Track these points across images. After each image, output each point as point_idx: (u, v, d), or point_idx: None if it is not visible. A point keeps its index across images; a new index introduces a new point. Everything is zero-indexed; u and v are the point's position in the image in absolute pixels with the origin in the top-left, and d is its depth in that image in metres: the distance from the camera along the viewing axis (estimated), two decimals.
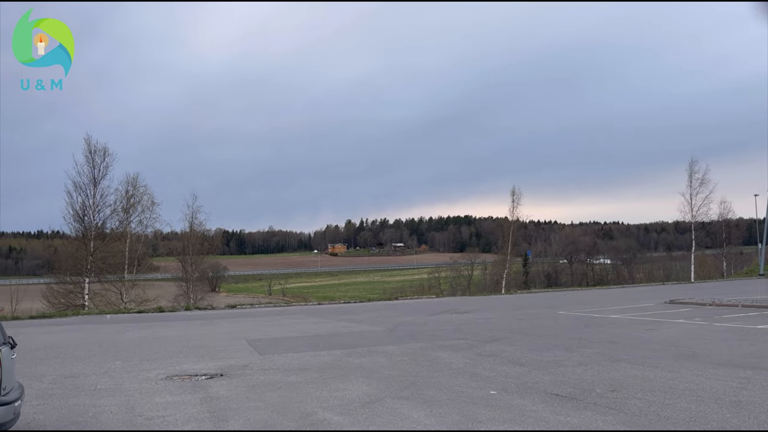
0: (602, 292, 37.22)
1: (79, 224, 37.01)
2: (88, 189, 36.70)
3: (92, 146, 36.88)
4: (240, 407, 7.92)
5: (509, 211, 54.93)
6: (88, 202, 36.75)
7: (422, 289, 73.11)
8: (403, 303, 31.51)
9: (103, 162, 36.98)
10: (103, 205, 37.38)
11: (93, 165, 36.70)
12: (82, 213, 36.72)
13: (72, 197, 36.56)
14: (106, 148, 37.34)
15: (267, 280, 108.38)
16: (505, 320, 19.52)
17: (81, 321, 22.59)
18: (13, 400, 6.15)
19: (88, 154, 36.71)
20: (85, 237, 36.27)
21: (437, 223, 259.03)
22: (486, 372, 10.17)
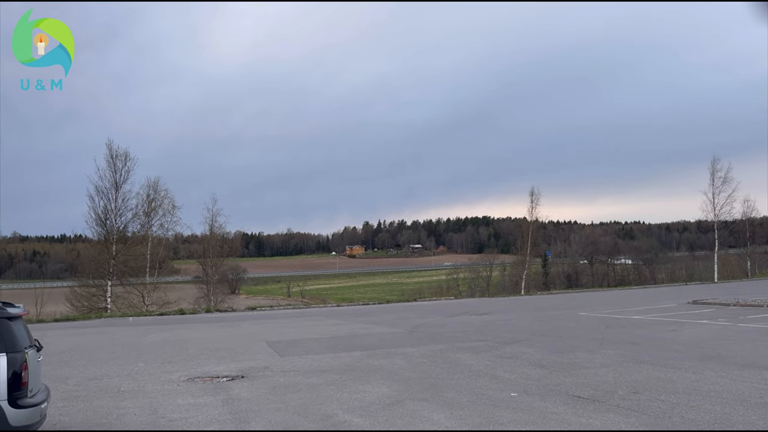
0: (624, 293, 36.80)
1: (102, 228, 37.54)
2: (110, 193, 37.23)
3: (113, 151, 37.40)
4: (261, 409, 7.97)
5: (528, 211, 54.56)
6: (110, 206, 37.27)
7: (441, 290, 72.85)
8: (421, 304, 31.46)
9: (124, 166, 37.48)
10: (124, 209, 37.88)
11: (114, 170, 37.21)
12: (104, 217, 37.24)
13: (94, 201, 37.10)
14: (127, 153, 37.84)
15: (286, 282, 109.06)
16: (525, 321, 19.40)
17: (104, 324, 22.90)
18: (40, 402, 6.26)
19: (110, 159, 37.24)
20: (107, 241, 36.74)
21: (455, 224, 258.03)
22: (507, 374, 10.11)
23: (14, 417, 5.83)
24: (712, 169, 47.56)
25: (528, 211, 54.39)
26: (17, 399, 5.90)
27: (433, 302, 33.88)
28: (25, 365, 6.06)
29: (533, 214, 54.31)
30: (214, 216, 46.44)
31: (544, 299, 33.31)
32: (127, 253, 37.00)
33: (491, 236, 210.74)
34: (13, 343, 6.06)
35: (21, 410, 5.90)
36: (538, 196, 53.99)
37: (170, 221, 42.36)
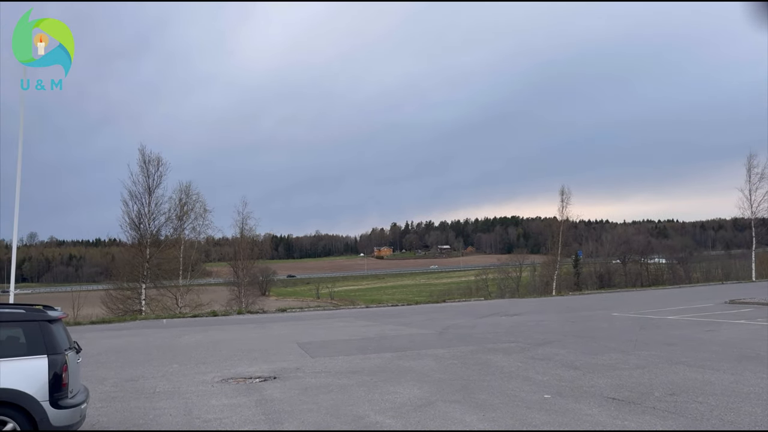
0: (658, 293, 36.09)
1: (135, 232, 38.32)
2: (143, 198, 38.00)
3: (146, 156, 38.17)
4: (294, 409, 8.03)
5: (558, 210, 53.90)
6: (144, 210, 38.02)
7: (470, 291, 72.31)
8: (450, 305, 31.32)
9: (156, 171, 38.20)
10: (157, 213, 38.61)
11: (147, 174, 37.97)
12: (138, 221, 38.01)
13: (128, 206, 37.90)
14: (160, 158, 38.58)
15: (315, 284, 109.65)
16: (557, 322, 19.16)
17: (139, 326, 23.35)
18: (80, 403, 6.43)
19: (143, 164, 38.01)
20: (141, 244, 37.47)
21: (483, 224, 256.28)
22: (539, 375, 10.01)
23: (56, 417, 6.00)
24: (748, 165, 46.26)
25: (558, 210, 53.78)
26: (58, 400, 6.07)
27: (462, 303, 33.70)
28: (66, 367, 6.23)
29: (564, 213, 53.67)
30: (245, 219, 47.04)
31: (575, 300, 32.85)
32: (160, 256, 37.67)
33: (520, 236, 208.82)
34: (54, 345, 6.24)
35: (62, 411, 6.07)
36: (568, 195, 53.37)
37: (202, 225, 43.06)
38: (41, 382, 6.00)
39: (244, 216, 46.96)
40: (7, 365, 5.99)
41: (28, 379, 5.98)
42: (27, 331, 6.24)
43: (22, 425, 5.87)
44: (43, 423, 5.92)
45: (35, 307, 6.65)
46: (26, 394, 5.90)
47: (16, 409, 5.87)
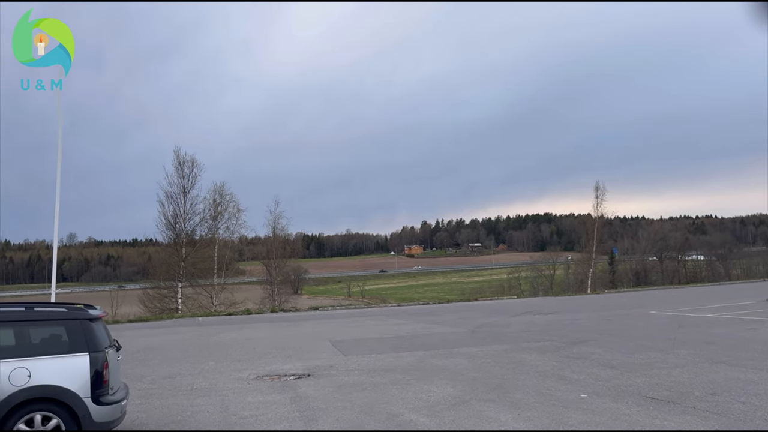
0: (696, 291, 35.24)
1: (171, 232, 39.00)
2: (178, 198, 38.67)
3: (181, 157, 38.82)
4: (328, 407, 8.08)
5: (593, 207, 53.15)
6: (179, 210, 38.69)
7: (502, 289, 71.73)
8: (483, 304, 31.12)
9: (191, 172, 38.83)
10: (192, 213, 39.23)
11: (182, 175, 38.62)
12: (174, 221, 38.69)
13: (164, 206, 38.61)
14: (194, 159, 39.19)
15: (346, 282, 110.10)
16: (592, 321, 18.86)
17: (175, 324, 23.79)
18: (120, 399, 6.57)
19: (178, 165, 38.67)
20: (176, 244, 38.15)
21: (515, 221, 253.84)
22: (575, 375, 9.86)
23: (97, 413, 6.15)
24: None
25: (593, 206, 53.04)
26: (99, 396, 6.22)
27: (494, 301, 33.45)
28: (106, 364, 6.38)
29: (598, 209, 52.88)
30: (277, 218, 47.41)
31: (611, 298, 32.30)
32: (195, 255, 38.26)
33: (554, 233, 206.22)
34: (95, 343, 6.39)
35: (103, 407, 6.21)
36: (603, 192, 52.55)
37: (235, 224, 43.50)
38: (83, 379, 6.15)
39: (276, 215, 47.37)
40: (50, 363, 6.16)
41: (70, 376, 6.13)
42: (69, 330, 6.40)
43: (66, 421, 6.03)
44: (86, 419, 6.07)
45: (77, 306, 6.82)
46: (69, 391, 6.05)
47: (60, 406, 6.03)
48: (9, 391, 5.89)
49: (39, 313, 6.63)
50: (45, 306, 6.95)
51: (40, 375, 6.04)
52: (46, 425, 5.99)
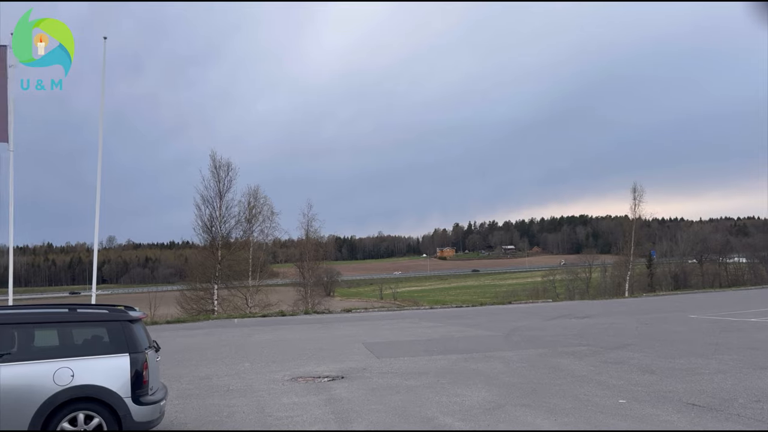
0: (738, 294, 34.22)
1: (208, 234, 39.73)
2: (214, 202, 39.37)
3: (217, 162, 39.52)
4: (362, 410, 8.09)
5: (630, 209, 52.33)
6: (215, 213, 39.37)
7: (536, 292, 70.71)
8: (517, 307, 30.78)
9: (227, 176, 39.49)
10: (228, 217, 39.89)
11: (218, 179, 39.31)
12: (210, 224, 39.38)
13: (201, 210, 39.37)
14: (230, 163, 39.86)
15: (378, 285, 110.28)
16: (630, 325, 18.47)
17: (211, 325, 24.15)
18: (159, 400, 6.70)
19: (214, 169, 39.37)
20: (212, 246, 38.82)
21: (549, 223, 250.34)
22: (613, 380, 9.67)
23: (138, 413, 6.28)
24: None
25: (630, 208, 52.24)
26: (140, 396, 6.35)
27: (529, 305, 33.04)
28: (146, 365, 6.51)
29: (636, 211, 52.00)
30: (310, 221, 47.76)
31: (649, 301, 31.59)
32: (231, 258, 38.83)
33: (589, 236, 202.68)
34: (135, 344, 6.53)
35: (143, 407, 6.34)
36: (641, 193, 51.70)
37: (269, 227, 43.96)
38: (124, 380, 6.30)
39: (309, 218, 47.73)
40: (92, 363, 6.32)
41: (111, 376, 6.28)
42: (110, 331, 6.56)
43: (107, 420, 6.18)
44: (126, 419, 6.21)
45: (118, 307, 6.99)
46: (111, 391, 6.20)
47: (101, 405, 6.18)
48: (53, 390, 6.06)
49: (81, 314, 6.82)
50: (87, 307, 7.15)
51: (83, 375, 6.20)
52: (88, 424, 6.15)
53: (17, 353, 6.25)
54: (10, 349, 6.23)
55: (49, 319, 6.78)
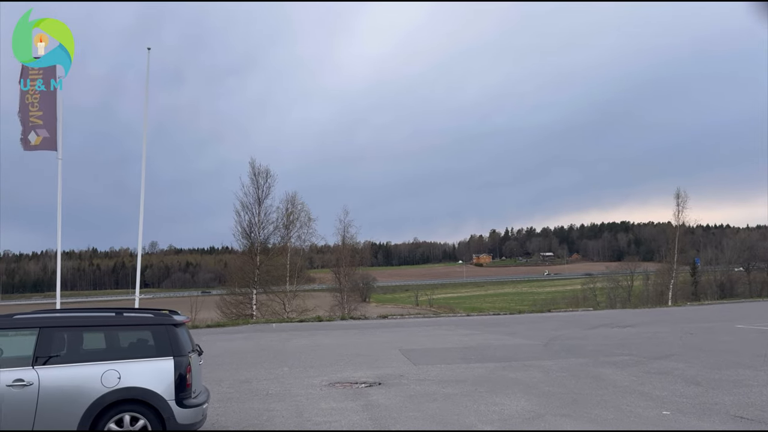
0: None
1: (247, 240, 40.41)
2: (253, 208, 40.06)
3: (256, 169, 40.22)
4: (400, 416, 8.09)
5: (674, 215, 51.11)
6: (254, 219, 40.05)
7: (576, 300, 69.48)
8: (556, 315, 30.29)
9: (265, 183, 40.16)
10: (266, 222, 40.52)
11: (257, 186, 40.01)
12: (249, 230, 40.07)
13: (240, 216, 40.11)
14: (268, 170, 40.53)
15: (413, 291, 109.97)
16: (674, 335, 17.99)
17: (250, 329, 24.48)
18: (202, 403, 6.84)
19: (253, 176, 40.08)
20: (251, 252, 39.44)
21: (590, 230, 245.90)
22: (657, 391, 9.44)
23: (181, 416, 6.42)
24: None
25: (673, 214, 51.04)
26: (183, 399, 6.49)
27: (568, 313, 32.48)
28: (189, 368, 6.65)
29: (679, 217, 50.74)
30: (346, 227, 48.05)
31: (694, 310, 30.69)
32: (269, 263, 39.38)
33: (631, 243, 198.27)
34: (179, 347, 6.68)
35: (186, 410, 6.48)
36: (684, 199, 50.44)
37: (306, 233, 44.40)
38: (168, 382, 6.44)
39: (346, 224, 48.01)
40: (138, 366, 6.49)
41: (156, 379, 6.44)
42: (155, 334, 6.73)
43: (152, 422, 6.32)
44: (170, 421, 6.35)
45: (162, 311, 7.16)
46: (155, 393, 6.35)
47: (146, 407, 6.33)
48: (101, 391, 6.24)
49: (128, 318, 7.01)
50: (133, 311, 7.35)
51: (129, 377, 6.37)
52: (134, 425, 6.30)
53: (66, 355, 6.46)
54: (60, 352, 6.45)
55: (96, 323, 6.99)
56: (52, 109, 17.74)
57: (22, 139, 17.77)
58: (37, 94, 17.67)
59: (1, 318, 6.91)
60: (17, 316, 6.93)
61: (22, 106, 17.59)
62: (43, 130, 17.62)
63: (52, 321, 6.73)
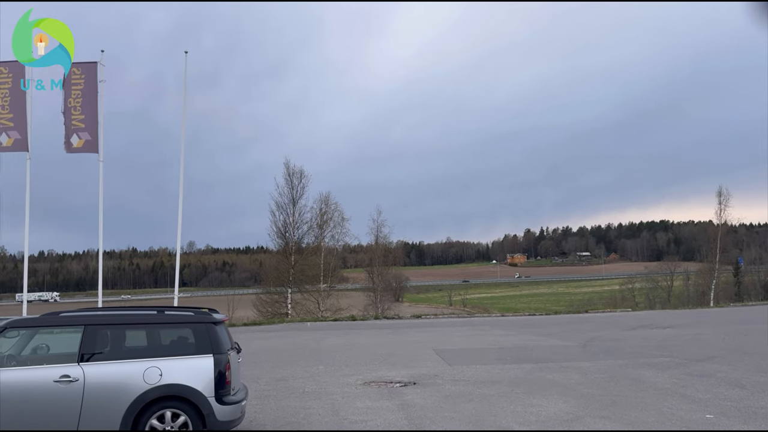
0: None
1: (281, 240, 40.93)
2: (288, 208, 40.61)
3: (290, 170, 40.79)
4: (436, 416, 8.07)
5: (715, 213, 49.93)
6: (289, 220, 40.59)
7: (614, 301, 68.00)
8: (593, 316, 29.77)
9: (300, 183, 40.68)
10: (300, 222, 41.03)
11: (291, 186, 40.55)
12: (284, 230, 40.59)
13: (275, 216, 40.73)
14: (302, 171, 41.05)
15: (446, 291, 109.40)
16: (717, 336, 17.50)
17: (285, 328, 24.74)
18: (241, 400, 6.94)
19: (287, 177, 40.63)
20: (286, 251, 39.92)
21: (628, 229, 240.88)
22: (699, 394, 9.20)
23: (221, 412, 6.53)
24: None
25: (715, 213, 49.87)
26: (222, 396, 6.60)
27: (606, 314, 31.89)
28: (228, 365, 6.76)
29: (722, 216, 49.44)
30: (379, 227, 48.26)
31: (737, 312, 29.80)
32: (303, 262, 39.80)
33: (671, 242, 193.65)
34: (219, 345, 6.80)
35: (226, 407, 6.59)
36: (727, 197, 49.16)
37: (340, 232, 44.78)
38: (208, 380, 6.56)
39: (379, 224, 48.22)
40: (178, 363, 6.62)
41: (196, 376, 6.56)
42: (195, 332, 6.86)
43: (193, 419, 6.45)
44: (210, 418, 6.46)
45: (202, 309, 7.30)
46: (196, 390, 6.47)
47: (187, 404, 6.46)
48: (144, 388, 6.39)
49: (169, 316, 7.16)
50: (174, 310, 7.51)
51: (170, 374, 6.50)
52: (175, 422, 6.44)
53: (110, 352, 6.63)
54: (103, 349, 6.62)
55: (139, 321, 7.16)
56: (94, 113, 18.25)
57: (65, 142, 18.38)
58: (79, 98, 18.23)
59: (48, 316, 7.14)
60: (63, 314, 7.15)
61: (65, 110, 18.18)
62: (85, 133, 18.19)
63: (96, 319, 6.92)
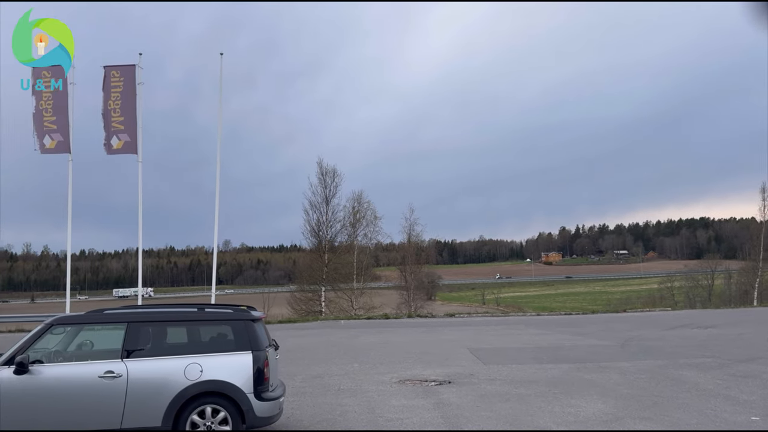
0: None
1: (315, 238, 41.30)
2: (321, 207, 40.95)
3: (324, 169, 41.12)
4: (472, 416, 8.03)
5: (759, 210, 48.74)
6: (322, 218, 40.92)
7: (653, 300, 66.58)
8: (631, 315, 29.20)
9: (333, 182, 40.98)
10: (334, 221, 41.34)
11: (325, 185, 40.88)
12: (317, 228, 40.94)
13: (309, 215, 41.12)
14: (335, 170, 41.33)
15: (480, 289, 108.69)
16: (761, 336, 16.99)
17: (320, 326, 24.94)
18: (279, 396, 7.03)
19: (321, 176, 40.97)
20: (319, 250, 40.26)
21: (666, 227, 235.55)
22: (744, 395, 8.94)
23: (259, 409, 6.62)
24: None
25: (759, 209, 48.71)
26: (261, 392, 6.69)
27: (644, 313, 31.23)
28: (267, 362, 6.85)
29: (765, 213, 48.03)
30: (411, 225, 48.23)
31: None
32: (336, 261, 40.09)
33: (711, 240, 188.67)
34: (257, 342, 6.90)
35: (264, 403, 6.68)
36: None
37: (372, 231, 44.92)
38: (247, 376, 6.66)
39: (411, 222, 48.18)
40: (218, 359, 6.74)
41: (236, 372, 6.66)
42: (235, 329, 6.97)
43: (232, 415, 6.55)
44: (249, 414, 6.56)
45: (241, 307, 7.41)
46: (235, 386, 6.58)
47: (227, 400, 6.57)
48: (184, 384, 6.52)
49: (209, 313, 7.30)
50: (214, 307, 7.65)
51: (210, 371, 6.62)
52: (215, 417, 6.55)
53: (151, 349, 6.79)
54: (146, 345, 6.78)
55: (179, 318, 7.32)
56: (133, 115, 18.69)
57: (105, 144, 18.88)
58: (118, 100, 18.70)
59: (92, 313, 7.35)
60: (107, 312, 7.36)
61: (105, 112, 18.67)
62: (124, 134, 18.64)
63: (139, 316, 7.10)
